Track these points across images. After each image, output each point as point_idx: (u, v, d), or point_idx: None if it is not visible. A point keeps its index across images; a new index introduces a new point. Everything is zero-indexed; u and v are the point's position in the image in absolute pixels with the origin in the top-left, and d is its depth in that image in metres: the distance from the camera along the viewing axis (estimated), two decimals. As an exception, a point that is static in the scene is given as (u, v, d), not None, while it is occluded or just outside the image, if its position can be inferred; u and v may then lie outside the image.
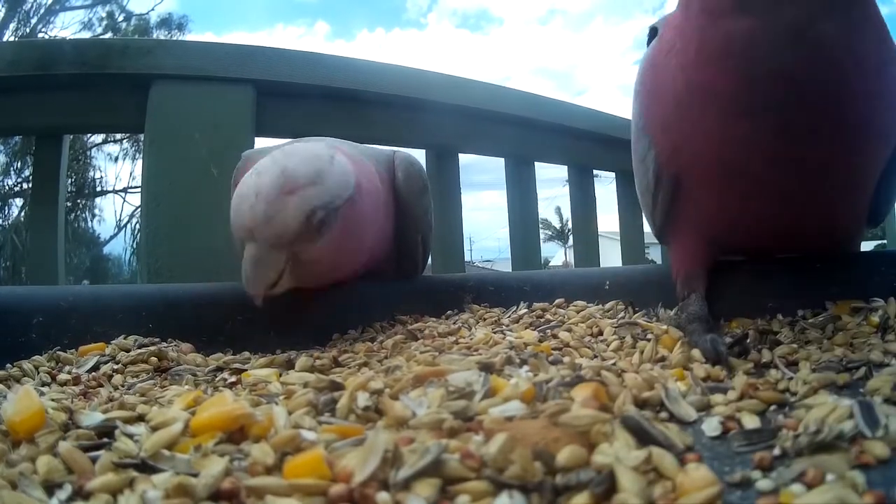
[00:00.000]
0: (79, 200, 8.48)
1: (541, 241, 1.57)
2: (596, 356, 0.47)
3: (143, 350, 0.50)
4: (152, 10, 9.42)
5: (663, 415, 0.33)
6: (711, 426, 0.31)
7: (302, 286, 0.57)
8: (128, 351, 0.51)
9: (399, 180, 0.69)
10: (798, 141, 0.44)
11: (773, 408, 0.33)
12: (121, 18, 9.20)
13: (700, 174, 0.50)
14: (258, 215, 0.52)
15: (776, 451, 0.27)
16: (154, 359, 0.50)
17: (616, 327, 0.52)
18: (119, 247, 9.24)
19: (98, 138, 8.24)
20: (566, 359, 0.44)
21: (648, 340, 0.47)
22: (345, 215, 0.55)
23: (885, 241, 2.47)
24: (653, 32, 0.55)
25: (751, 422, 0.31)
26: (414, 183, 0.70)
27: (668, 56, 0.49)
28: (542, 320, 0.58)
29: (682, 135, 0.49)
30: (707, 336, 0.44)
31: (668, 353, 0.44)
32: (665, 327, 0.49)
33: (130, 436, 0.30)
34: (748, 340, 0.45)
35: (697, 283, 0.54)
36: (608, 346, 0.49)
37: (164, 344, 0.53)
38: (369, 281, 0.68)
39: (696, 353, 0.43)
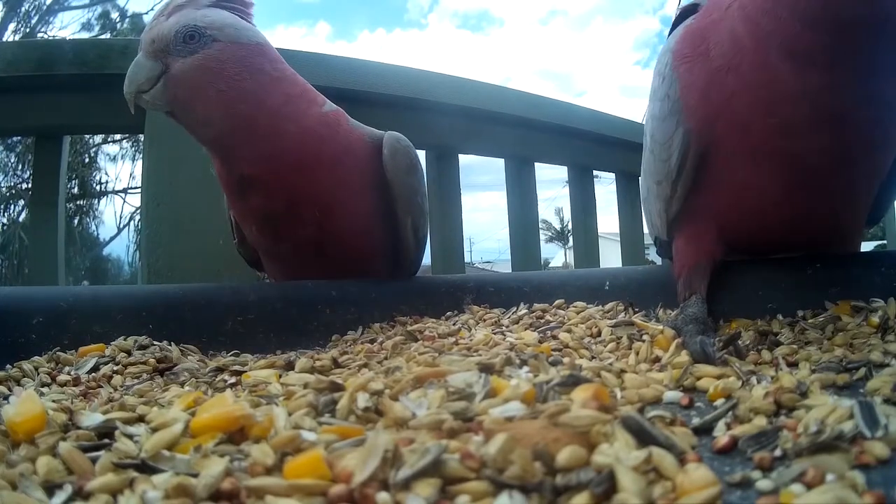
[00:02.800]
0: (79, 201, 8.47)
1: (541, 242, 1.57)
2: (594, 357, 0.47)
3: (142, 352, 0.50)
4: (152, 9, 9.41)
5: (666, 415, 0.33)
6: (720, 429, 0.31)
7: (177, 111, 0.62)
8: (128, 352, 0.51)
9: (385, 157, 0.68)
10: (849, 101, 0.45)
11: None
12: (117, 18, 9.19)
13: (736, 142, 0.50)
14: (146, 28, 0.60)
15: (776, 452, 0.27)
16: (153, 360, 0.50)
17: (612, 326, 0.52)
18: (119, 248, 9.23)
19: (98, 139, 8.23)
20: (566, 360, 0.44)
21: (644, 341, 0.47)
22: (227, 52, 0.60)
23: (885, 241, 2.46)
24: (683, 13, 0.55)
25: (757, 426, 0.31)
26: (400, 159, 0.69)
27: (727, 10, 0.49)
28: (541, 321, 0.58)
29: (727, 94, 0.49)
30: (697, 338, 0.44)
31: (663, 354, 0.45)
32: (661, 327, 0.49)
33: (130, 436, 0.30)
34: (739, 340, 0.46)
35: (699, 282, 0.54)
36: (605, 346, 0.49)
37: (165, 346, 0.53)
38: (364, 278, 0.68)
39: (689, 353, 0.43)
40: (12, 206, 7.74)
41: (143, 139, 1.05)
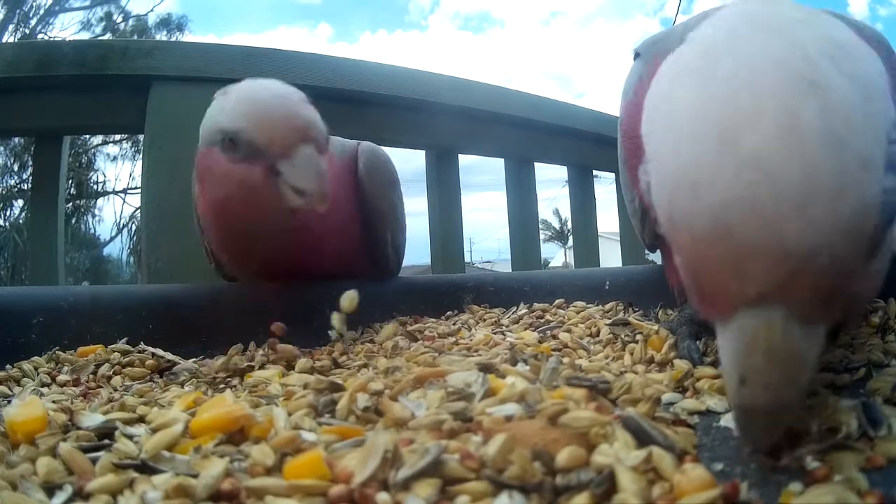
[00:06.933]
0: (79, 201, 8.47)
1: (540, 242, 1.57)
2: (592, 357, 0.47)
3: (142, 354, 0.50)
4: (151, 10, 9.41)
5: (667, 416, 0.33)
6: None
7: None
8: (127, 353, 0.51)
9: (360, 172, 0.64)
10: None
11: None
12: (119, 20, 9.19)
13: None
14: (305, 117, 0.44)
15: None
16: (151, 361, 0.50)
17: (609, 325, 0.52)
18: (119, 248, 9.24)
19: (98, 139, 8.24)
20: (566, 359, 0.44)
21: (637, 342, 0.47)
22: None
23: (885, 242, 2.46)
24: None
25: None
26: (377, 175, 0.65)
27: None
28: (541, 321, 0.58)
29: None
30: (685, 343, 0.44)
31: (656, 354, 0.45)
32: (656, 327, 0.49)
33: (130, 437, 0.30)
34: None
35: None
36: (604, 347, 0.49)
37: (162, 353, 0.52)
38: (363, 279, 0.67)
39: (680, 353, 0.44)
40: (8, 209, 7.75)
41: (142, 140, 1.05)
